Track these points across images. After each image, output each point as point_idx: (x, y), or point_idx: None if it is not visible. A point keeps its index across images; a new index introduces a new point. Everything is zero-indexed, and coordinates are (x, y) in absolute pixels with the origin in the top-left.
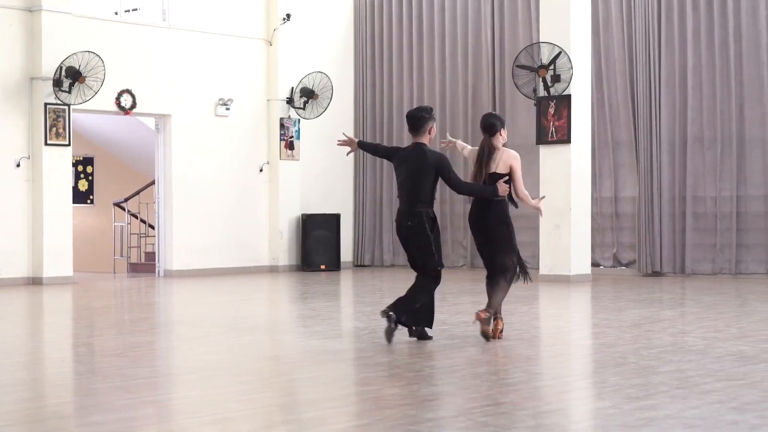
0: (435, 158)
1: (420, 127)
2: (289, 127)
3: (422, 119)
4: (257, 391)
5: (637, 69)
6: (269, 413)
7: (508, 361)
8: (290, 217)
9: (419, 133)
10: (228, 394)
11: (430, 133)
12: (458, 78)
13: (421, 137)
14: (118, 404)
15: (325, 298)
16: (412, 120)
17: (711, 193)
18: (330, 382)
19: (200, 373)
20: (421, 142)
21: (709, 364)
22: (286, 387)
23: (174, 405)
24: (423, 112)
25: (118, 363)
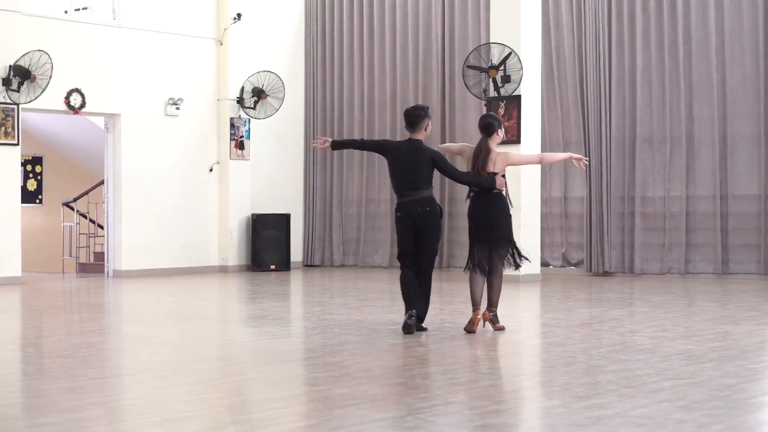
0: (431, 152)
1: (417, 124)
2: (239, 126)
3: (419, 117)
4: (206, 391)
5: (587, 69)
6: (218, 414)
7: (458, 360)
8: (240, 217)
9: (416, 129)
10: (177, 394)
11: (426, 130)
12: (408, 77)
13: (418, 134)
14: (67, 405)
15: (274, 298)
16: (410, 117)
17: (660, 193)
18: (279, 382)
19: (149, 373)
20: (417, 138)
21: (657, 363)
22: (235, 387)
23: (123, 406)
24: (420, 111)
25: (67, 364)
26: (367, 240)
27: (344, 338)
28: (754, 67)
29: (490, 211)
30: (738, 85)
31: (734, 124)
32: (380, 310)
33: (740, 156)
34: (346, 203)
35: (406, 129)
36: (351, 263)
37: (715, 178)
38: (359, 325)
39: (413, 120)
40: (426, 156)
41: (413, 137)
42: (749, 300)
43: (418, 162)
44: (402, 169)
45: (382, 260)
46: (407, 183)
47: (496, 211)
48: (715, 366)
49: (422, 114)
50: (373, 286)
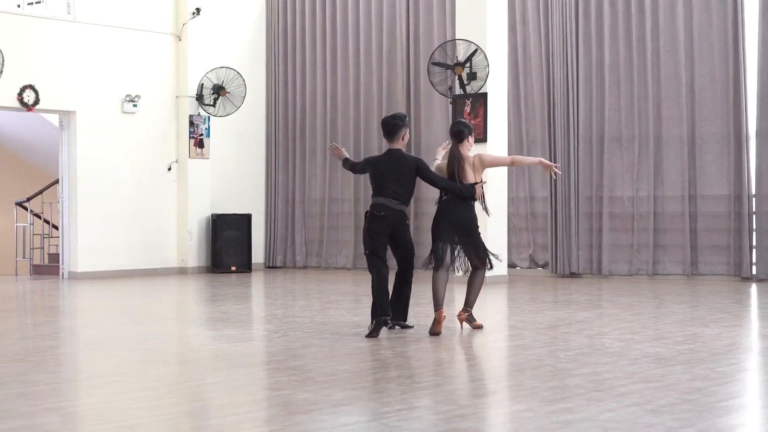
0: (413, 161)
1: (395, 133)
2: (198, 124)
3: (396, 126)
4: (164, 396)
5: (554, 66)
6: (177, 420)
7: (423, 364)
8: (200, 217)
9: (394, 139)
10: (134, 400)
11: (403, 139)
12: (372, 74)
13: (396, 143)
14: (20, 411)
15: (235, 300)
16: (387, 127)
17: (628, 193)
18: (240, 386)
19: (105, 378)
20: (396, 148)
21: (626, 366)
22: (194, 392)
23: (78, 412)
24: (397, 120)
25: (20, 369)
26: (331, 240)
27: (307, 341)
28: (723, 65)
29: (470, 218)
30: (707, 83)
31: (703, 123)
32: (344, 312)
33: (709, 156)
34: (309, 203)
35: (384, 138)
36: (314, 264)
37: (684, 178)
38: (322, 328)
39: (390, 129)
40: (409, 165)
41: (392, 147)
42: (718, 302)
43: (402, 172)
44: (381, 178)
45: (345, 261)
46: (390, 191)
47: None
48: (684, 369)
49: (399, 123)
50: (337, 287)
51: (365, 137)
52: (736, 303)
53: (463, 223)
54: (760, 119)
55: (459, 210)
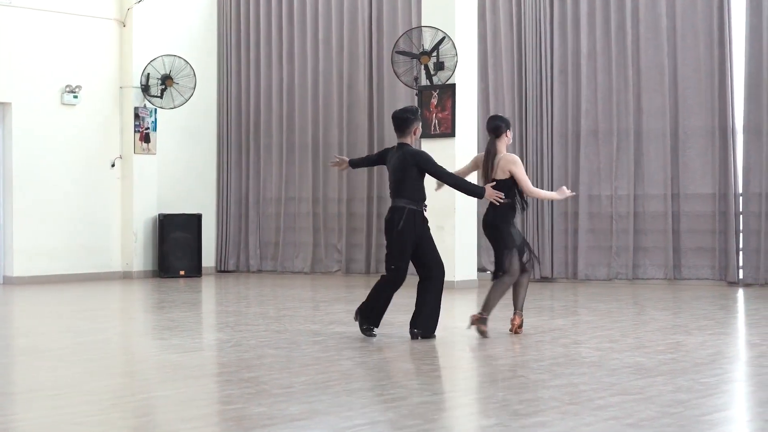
0: (413, 155)
1: (406, 128)
2: (144, 117)
3: (407, 120)
4: (108, 411)
5: (526, 56)
6: None
7: (386, 375)
8: (146, 217)
9: (404, 134)
10: (75, 414)
11: (414, 134)
12: (332, 65)
13: (406, 138)
14: None
15: (184, 307)
16: (397, 121)
17: (606, 192)
18: (189, 400)
19: (44, 391)
20: (404, 143)
21: (604, 377)
22: (140, 406)
23: (15, 428)
24: (408, 113)
25: None
26: (287, 243)
27: (261, 351)
28: (708, 54)
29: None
30: (691, 73)
31: (687, 116)
32: (301, 320)
33: (693, 151)
34: (264, 202)
35: (395, 132)
36: (269, 268)
37: (666, 175)
38: (278, 337)
39: (401, 124)
40: (409, 162)
41: (401, 141)
42: (703, 308)
43: (403, 170)
44: (390, 176)
45: (303, 265)
46: (393, 190)
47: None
48: (666, 380)
49: (411, 117)
50: (294, 293)
51: (324, 132)
52: (722, 309)
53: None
54: (747, 112)
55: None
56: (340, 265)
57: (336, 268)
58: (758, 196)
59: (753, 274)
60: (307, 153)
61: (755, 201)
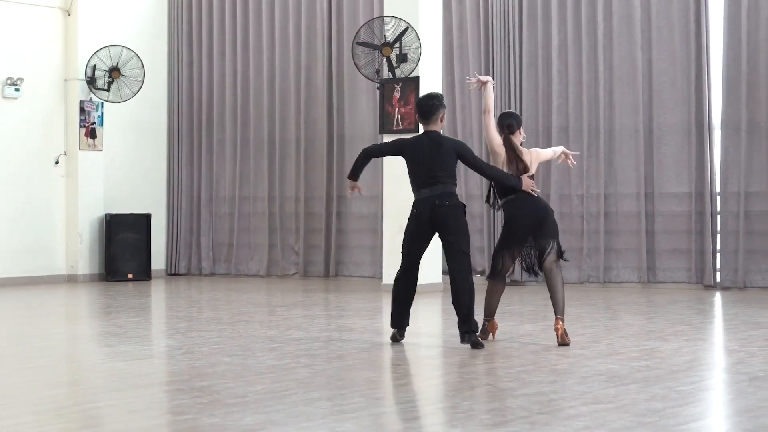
0: (453, 143)
1: (432, 114)
2: (90, 111)
3: (434, 107)
4: (52, 422)
5: (494, 48)
6: None
7: (346, 384)
8: (92, 217)
9: (431, 121)
10: (17, 426)
11: (441, 121)
12: (289, 56)
13: (434, 125)
14: None
15: (132, 312)
16: (424, 108)
17: (577, 191)
18: (138, 410)
19: None
20: (434, 130)
21: (575, 385)
22: (86, 416)
23: None
24: (435, 100)
25: None
26: (241, 244)
27: (214, 359)
28: (683, 47)
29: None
30: (666, 67)
31: (661, 111)
32: (257, 326)
33: (668, 148)
34: (217, 202)
35: (419, 121)
36: (222, 271)
37: (640, 173)
38: (232, 344)
39: (428, 111)
40: (448, 148)
41: (429, 129)
42: (678, 312)
43: (440, 155)
44: (421, 164)
45: (258, 268)
46: (426, 178)
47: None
48: (640, 388)
49: (437, 103)
50: (249, 298)
51: (281, 127)
52: (698, 314)
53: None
54: (725, 107)
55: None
56: (297, 267)
57: (293, 271)
58: (736, 195)
59: (731, 277)
60: (262, 149)
61: (733, 200)
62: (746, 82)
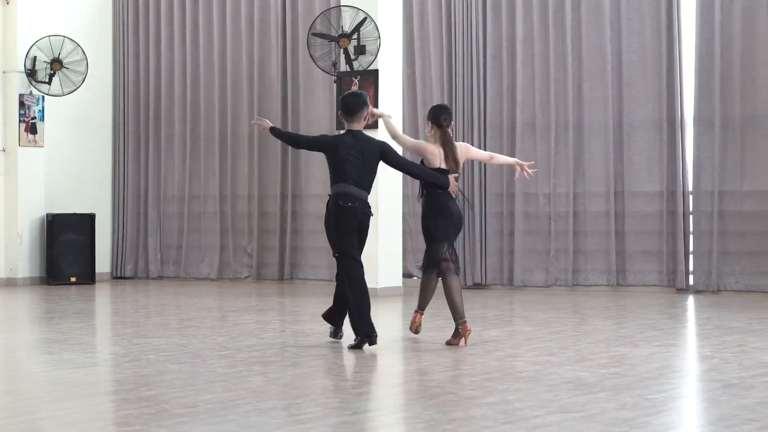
0: (379, 144)
1: (357, 112)
2: (30, 105)
3: (360, 105)
4: None
5: (456, 40)
6: None
7: (301, 393)
8: (32, 217)
9: (356, 119)
10: None
11: (365, 119)
12: (241, 48)
13: (358, 124)
14: None
15: (76, 318)
16: (350, 105)
17: (544, 190)
18: (81, 421)
19: None
20: (357, 129)
21: (542, 393)
22: (26, 429)
23: None
24: (360, 98)
25: None
26: (191, 246)
27: (162, 367)
28: (655, 39)
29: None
30: (636, 60)
31: (632, 106)
32: (206, 332)
33: (639, 145)
34: (165, 201)
35: (344, 118)
36: (171, 274)
37: (609, 171)
38: (181, 351)
39: (353, 108)
40: (374, 148)
41: (353, 128)
42: (649, 317)
43: (365, 155)
44: (344, 161)
45: (209, 270)
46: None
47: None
48: (609, 396)
49: (363, 102)
50: (198, 302)
51: (233, 123)
52: (670, 318)
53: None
54: (698, 101)
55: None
56: (250, 270)
57: (246, 274)
58: (710, 194)
59: (704, 280)
60: (213, 146)
61: (707, 199)
62: (719, 75)
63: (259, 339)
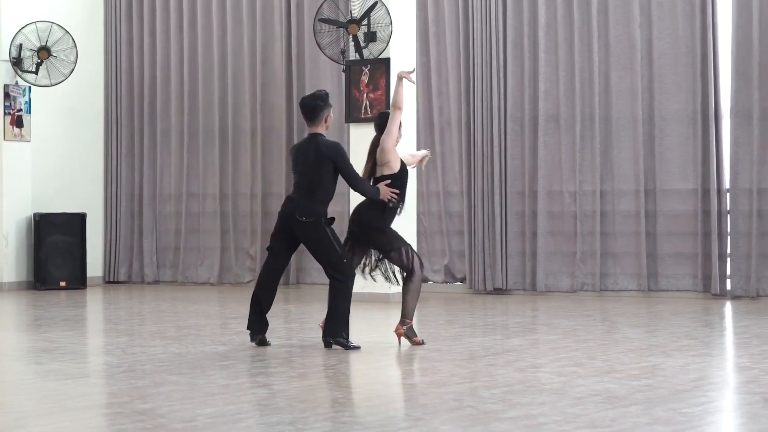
0: (329, 148)
1: (315, 116)
2: (16, 97)
3: (317, 108)
4: None
5: (474, 26)
6: None
7: (310, 406)
8: (18, 217)
9: (315, 122)
10: None
11: (326, 122)
12: (243, 35)
13: (317, 127)
14: None
15: (65, 325)
16: (306, 108)
17: (569, 188)
18: None
19: None
20: (316, 133)
21: (568, 407)
22: None
23: None
24: (318, 100)
25: None
26: (190, 248)
27: (159, 378)
28: (688, 24)
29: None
30: (668, 47)
31: (663, 97)
32: (207, 340)
33: (671, 139)
34: (162, 200)
35: (305, 121)
36: (168, 278)
37: (639, 167)
38: (179, 361)
39: (310, 111)
40: (325, 155)
41: (312, 131)
42: (683, 325)
43: (319, 162)
44: (301, 171)
45: (209, 274)
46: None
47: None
48: (641, 410)
49: (320, 104)
50: (198, 308)
51: (234, 115)
52: (706, 326)
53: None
54: (735, 92)
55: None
56: (253, 274)
57: (248, 278)
58: (748, 191)
59: (742, 285)
60: (213, 140)
61: (745, 198)
62: (758, 63)
63: (263, 348)
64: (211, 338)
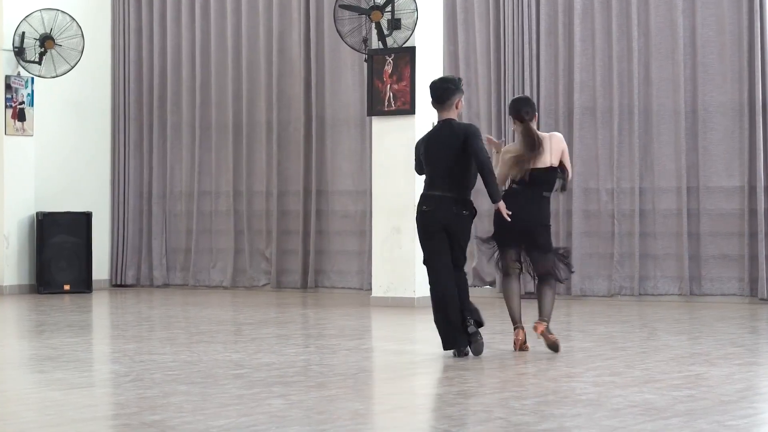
0: (463, 130)
1: (446, 100)
2: (18, 89)
3: (449, 91)
4: None
5: (505, 13)
6: None
7: (327, 418)
8: (20, 216)
9: (445, 107)
10: None
11: (457, 107)
12: (259, 22)
13: (449, 112)
14: None
15: (70, 331)
16: (437, 92)
17: (606, 185)
18: None
19: None
20: (449, 118)
21: (604, 419)
22: None
23: None
24: (450, 83)
25: None
26: (201, 249)
27: (169, 388)
28: (734, 10)
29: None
30: (712, 35)
31: (707, 89)
32: (219, 347)
33: (715, 134)
34: (172, 198)
35: (433, 106)
36: (178, 282)
37: (680, 164)
38: (190, 370)
39: (441, 95)
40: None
41: (443, 116)
42: (728, 331)
43: (456, 148)
44: (434, 156)
45: (222, 277)
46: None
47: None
48: (683, 422)
49: (452, 87)
50: (210, 314)
51: (248, 108)
52: (752, 333)
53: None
54: None
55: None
56: (268, 277)
57: (264, 282)
58: None
59: None
60: (226, 134)
61: None
62: None
63: (279, 356)
64: (224, 345)
